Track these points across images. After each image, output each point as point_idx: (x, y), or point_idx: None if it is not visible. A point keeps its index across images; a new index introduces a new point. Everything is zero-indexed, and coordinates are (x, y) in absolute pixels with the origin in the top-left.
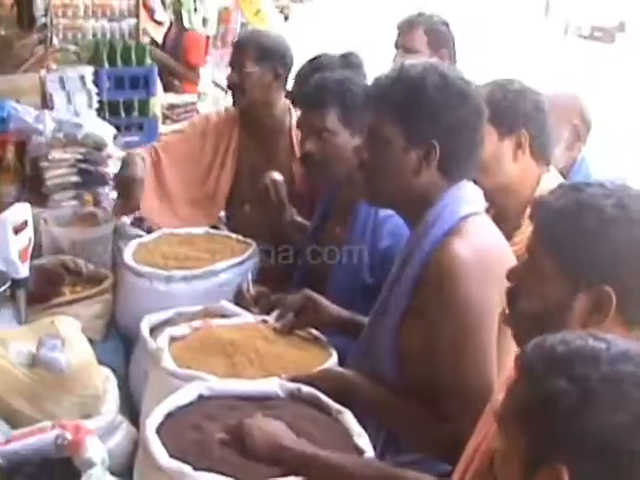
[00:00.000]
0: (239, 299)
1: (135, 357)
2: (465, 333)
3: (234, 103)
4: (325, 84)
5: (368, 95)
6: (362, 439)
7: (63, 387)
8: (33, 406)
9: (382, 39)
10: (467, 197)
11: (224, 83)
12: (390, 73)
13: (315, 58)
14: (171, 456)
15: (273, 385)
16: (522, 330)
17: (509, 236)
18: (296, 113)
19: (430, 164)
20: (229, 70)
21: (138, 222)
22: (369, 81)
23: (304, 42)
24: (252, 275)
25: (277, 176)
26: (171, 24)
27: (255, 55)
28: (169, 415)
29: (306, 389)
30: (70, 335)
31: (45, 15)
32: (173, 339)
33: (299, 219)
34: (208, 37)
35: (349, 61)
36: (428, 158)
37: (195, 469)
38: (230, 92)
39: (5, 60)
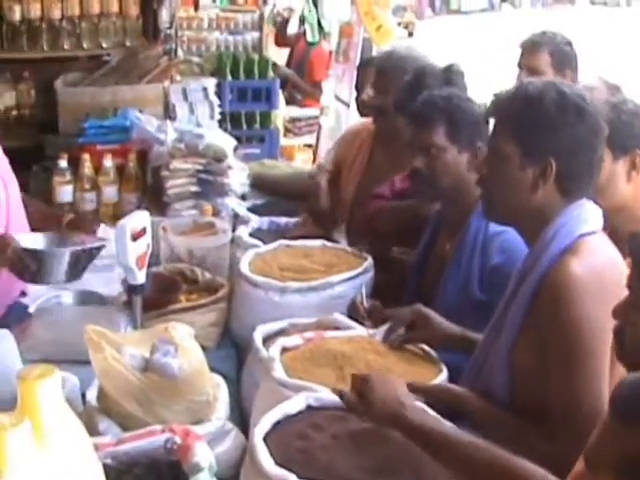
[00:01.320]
0: (352, 312)
1: (247, 366)
2: (577, 352)
3: (373, 120)
4: (433, 101)
5: (487, 112)
6: None
7: (175, 392)
8: (144, 409)
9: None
10: (585, 216)
11: (346, 97)
12: (509, 90)
13: (419, 71)
14: (277, 464)
15: None
16: (633, 365)
17: (623, 257)
18: None
19: (547, 181)
20: (369, 90)
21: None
22: (471, 95)
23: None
24: (366, 289)
25: None
26: (297, 40)
27: (398, 80)
28: (277, 424)
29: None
30: (183, 341)
31: (170, 27)
32: (285, 349)
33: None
34: (330, 52)
35: (450, 74)
36: (544, 175)
37: (300, 477)
38: (360, 110)
39: (130, 70)
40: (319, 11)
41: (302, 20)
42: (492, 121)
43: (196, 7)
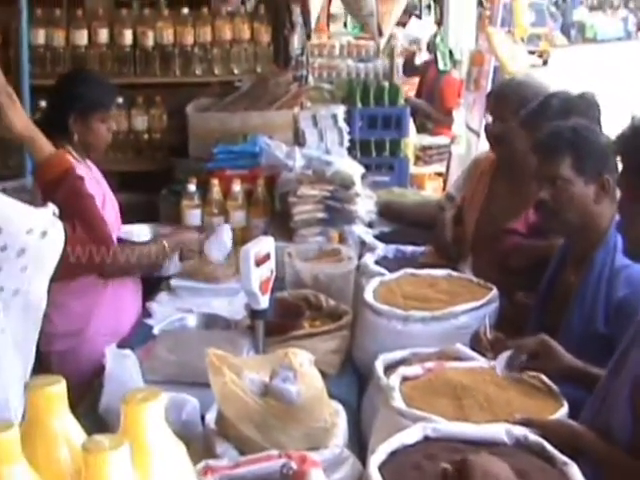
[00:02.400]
0: (475, 343)
1: (368, 394)
2: None
3: (491, 148)
4: (559, 132)
5: (614, 149)
6: None
7: (292, 418)
8: (262, 434)
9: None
10: None
11: (476, 126)
12: (630, 125)
13: (550, 94)
14: None
15: (499, 431)
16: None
17: None
18: None
19: None
20: (488, 117)
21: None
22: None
23: (562, 86)
24: (490, 320)
25: None
26: (426, 68)
27: (516, 107)
28: (393, 453)
29: (532, 437)
30: (303, 367)
31: (301, 54)
32: (405, 378)
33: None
34: (461, 80)
35: (581, 101)
36: None
37: None
38: (488, 140)
39: (260, 97)
40: (448, 39)
41: (429, 47)
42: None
43: (308, 36)
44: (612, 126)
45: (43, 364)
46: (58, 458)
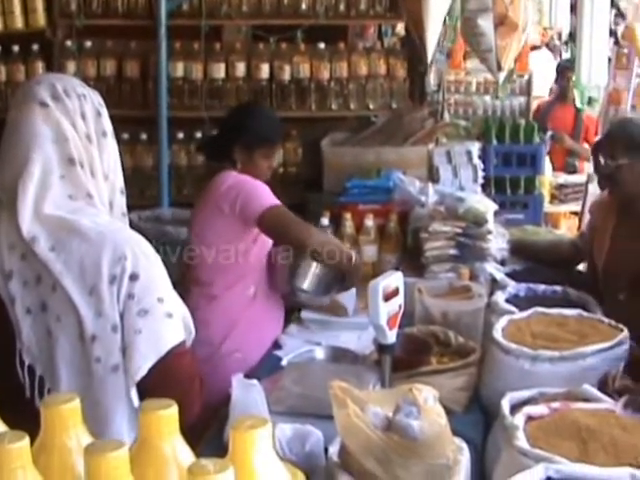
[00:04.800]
0: (602, 385)
1: (493, 432)
2: None
3: (602, 188)
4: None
5: None
6: None
7: (414, 453)
8: (383, 469)
9: None
10: None
11: None
12: None
13: None
14: None
15: (623, 474)
16: None
17: None
18: None
19: None
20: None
21: None
22: None
23: None
24: (621, 362)
25: None
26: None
27: (625, 146)
28: None
29: None
30: (427, 403)
31: (437, 91)
32: (530, 418)
33: None
34: (598, 118)
35: None
36: None
37: None
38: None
39: (395, 132)
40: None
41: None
42: None
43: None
44: None
45: None
46: None
